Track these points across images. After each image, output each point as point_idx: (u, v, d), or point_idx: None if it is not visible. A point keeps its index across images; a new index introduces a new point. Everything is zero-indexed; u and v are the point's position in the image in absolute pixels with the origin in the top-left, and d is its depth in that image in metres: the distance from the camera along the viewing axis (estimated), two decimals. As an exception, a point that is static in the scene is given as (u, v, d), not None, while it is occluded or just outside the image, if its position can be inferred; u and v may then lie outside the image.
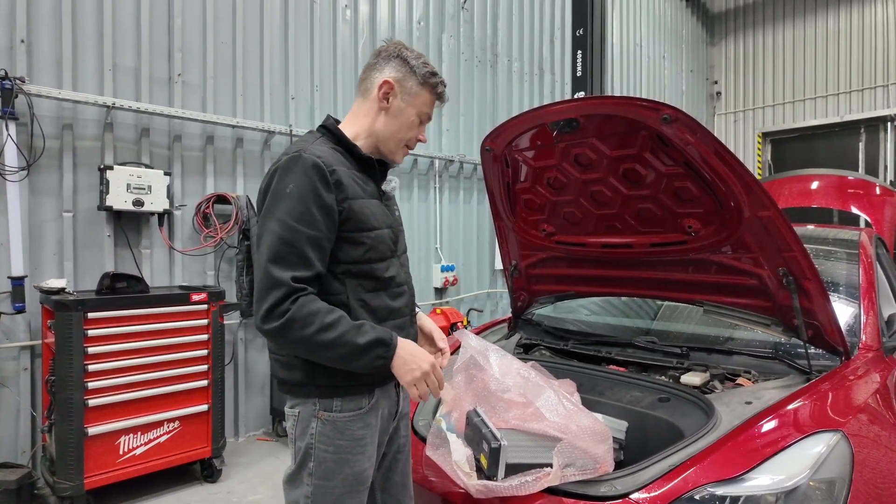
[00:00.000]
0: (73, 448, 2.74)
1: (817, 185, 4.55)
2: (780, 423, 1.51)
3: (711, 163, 1.66)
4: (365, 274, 1.34)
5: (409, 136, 1.45)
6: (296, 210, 1.24)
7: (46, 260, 3.23)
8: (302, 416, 1.35)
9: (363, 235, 1.33)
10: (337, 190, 1.28)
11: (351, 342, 1.23)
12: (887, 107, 7.86)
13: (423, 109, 1.44)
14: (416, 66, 1.40)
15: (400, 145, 1.45)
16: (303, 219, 1.23)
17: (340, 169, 1.31)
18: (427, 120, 1.48)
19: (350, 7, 4.73)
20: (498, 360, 1.67)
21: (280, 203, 1.25)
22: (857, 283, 2.25)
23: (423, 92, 1.42)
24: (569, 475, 1.43)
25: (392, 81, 1.40)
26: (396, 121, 1.42)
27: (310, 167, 1.25)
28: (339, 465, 1.33)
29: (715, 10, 9.85)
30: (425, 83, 1.42)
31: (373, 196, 1.40)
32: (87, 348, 2.77)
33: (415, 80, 1.41)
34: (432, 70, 1.43)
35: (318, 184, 1.25)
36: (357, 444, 1.35)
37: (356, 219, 1.31)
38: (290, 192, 1.25)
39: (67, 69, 3.26)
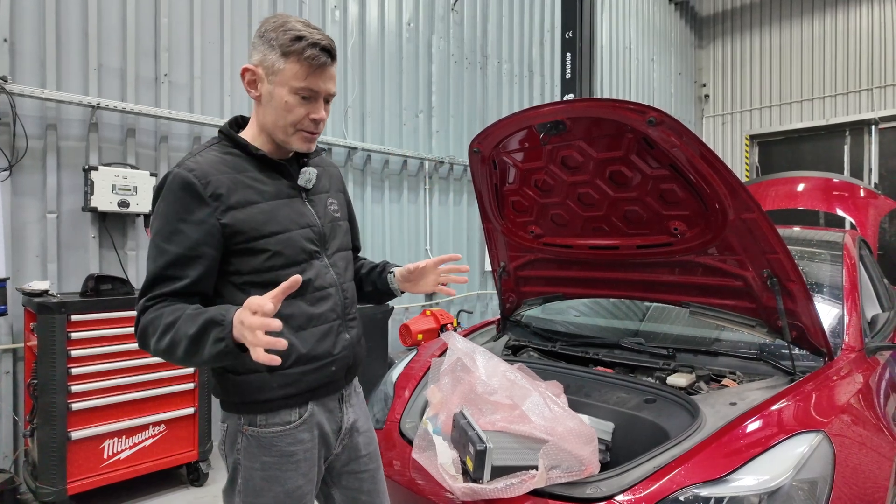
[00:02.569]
0: (56, 452, 2.70)
1: (803, 187, 4.60)
2: (764, 424, 1.53)
3: (696, 165, 1.67)
4: (272, 282, 1.17)
5: (293, 119, 1.24)
6: (164, 230, 1.19)
7: (29, 262, 3.18)
8: (229, 430, 1.29)
9: (260, 243, 1.22)
10: (215, 202, 1.18)
11: (185, 335, 1.09)
12: (871, 110, 7.97)
13: (297, 83, 1.20)
14: (273, 38, 1.19)
15: (289, 132, 1.26)
16: (172, 238, 1.18)
17: (220, 178, 1.20)
18: (312, 95, 1.23)
19: (339, 8, 4.71)
20: (485, 362, 1.67)
21: (154, 222, 1.21)
22: (840, 284, 2.28)
23: (288, 64, 1.19)
24: (554, 477, 1.43)
25: (252, 67, 1.23)
26: (270, 108, 1.24)
27: (178, 184, 1.18)
28: (269, 482, 1.26)
29: (703, 13, 9.94)
30: (287, 53, 1.19)
31: (277, 196, 1.27)
32: (70, 351, 2.74)
33: (275, 54, 1.20)
34: (295, 34, 1.19)
35: (188, 200, 1.17)
36: (287, 460, 1.26)
37: (246, 228, 1.21)
38: (160, 211, 1.20)
39: (51, 68, 3.22)
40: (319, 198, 1.38)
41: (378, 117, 4.98)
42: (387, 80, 5.04)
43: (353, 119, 4.79)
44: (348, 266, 1.44)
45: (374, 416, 2.10)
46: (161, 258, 1.18)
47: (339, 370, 1.36)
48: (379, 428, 2.02)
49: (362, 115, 4.87)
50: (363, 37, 4.87)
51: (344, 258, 1.42)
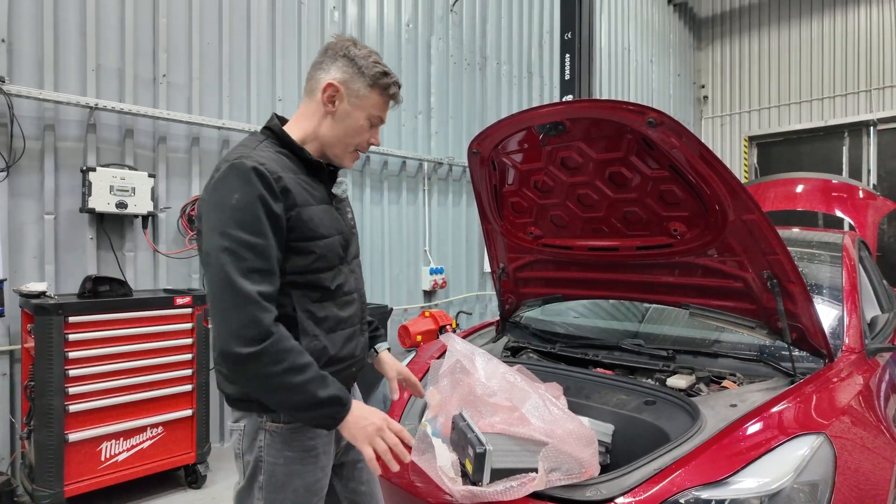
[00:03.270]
0: (53, 455, 2.68)
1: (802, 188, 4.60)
2: (765, 426, 1.52)
3: (696, 166, 1.67)
4: (311, 284, 1.26)
5: (358, 141, 1.35)
6: (245, 222, 1.15)
7: (27, 263, 3.17)
8: (248, 429, 1.30)
9: (311, 244, 1.25)
10: (284, 198, 1.20)
11: (313, 393, 1.15)
12: (870, 111, 7.98)
13: (373, 112, 1.34)
14: (364, 66, 1.29)
15: (347, 150, 1.36)
16: (254, 230, 1.15)
17: (286, 175, 1.23)
18: (379, 123, 1.38)
19: (338, 8, 4.71)
20: (484, 363, 1.66)
21: (227, 215, 1.15)
22: (840, 285, 2.27)
23: (373, 94, 1.31)
24: (554, 480, 1.42)
25: (337, 84, 1.30)
26: (342, 125, 1.32)
27: (253, 176, 1.16)
28: (290, 476, 1.29)
29: (702, 14, 9.96)
30: (375, 85, 1.31)
31: (322, 201, 1.32)
32: (67, 353, 2.72)
33: (363, 81, 1.30)
34: (383, 70, 1.32)
35: (264, 192, 1.17)
36: (307, 454, 1.31)
37: (304, 227, 1.24)
38: (237, 202, 1.15)
39: (49, 69, 3.21)
40: (343, 207, 1.45)
41: (377, 118, 4.97)
42: (386, 81, 5.03)
43: (351, 120, 4.77)
44: (361, 274, 1.52)
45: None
46: (246, 250, 1.14)
47: (357, 371, 1.44)
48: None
49: (361, 116, 4.86)
50: (362, 38, 4.87)
51: (358, 266, 1.49)
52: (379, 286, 4.98)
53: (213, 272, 1.15)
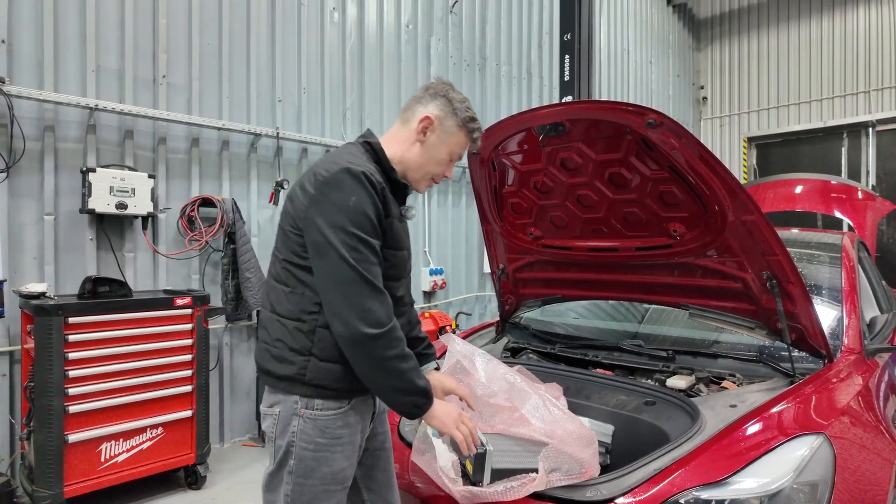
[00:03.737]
0: (53, 456, 2.68)
1: (801, 189, 4.61)
2: (764, 427, 1.52)
3: (696, 167, 1.67)
4: None
5: (437, 171, 1.51)
6: (364, 223, 1.30)
7: (26, 264, 3.17)
8: (282, 414, 1.37)
9: (391, 253, 1.41)
10: (383, 205, 1.36)
11: (412, 380, 1.32)
12: (868, 112, 7.99)
13: (456, 150, 1.50)
14: (458, 108, 1.47)
15: (426, 177, 1.51)
16: (368, 230, 1.30)
17: (384, 187, 1.38)
18: (457, 160, 1.54)
19: (338, 9, 4.71)
20: (484, 364, 1.66)
21: (345, 215, 1.29)
22: (839, 286, 2.28)
23: (460, 134, 1.48)
24: (554, 480, 1.42)
25: (433, 118, 1.46)
26: (428, 154, 1.48)
27: (366, 182, 1.31)
28: (318, 463, 1.36)
29: (701, 15, 9.97)
30: (464, 126, 1.48)
31: (398, 218, 1.47)
32: (67, 354, 2.72)
33: (454, 120, 1.47)
34: (473, 116, 1.49)
35: (375, 197, 1.33)
36: (336, 442, 1.38)
37: (390, 237, 1.39)
38: (354, 204, 1.29)
39: (49, 70, 3.21)
40: (406, 225, 1.58)
41: (377, 119, 4.98)
42: (385, 82, 5.04)
43: (351, 121, 4.78)
44: None
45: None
46: (364, 247, 1.29)
47: None
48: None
49: (361, 116, 4.87)
50: (362, 39, 4.87)
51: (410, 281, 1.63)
52: (378, 287, 4.97)
53: (333, 263, 1.28)
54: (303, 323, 1.36)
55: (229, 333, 3.99)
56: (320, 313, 1.35)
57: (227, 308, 3.81)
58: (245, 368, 4.08)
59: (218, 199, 3.76)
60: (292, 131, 4.33)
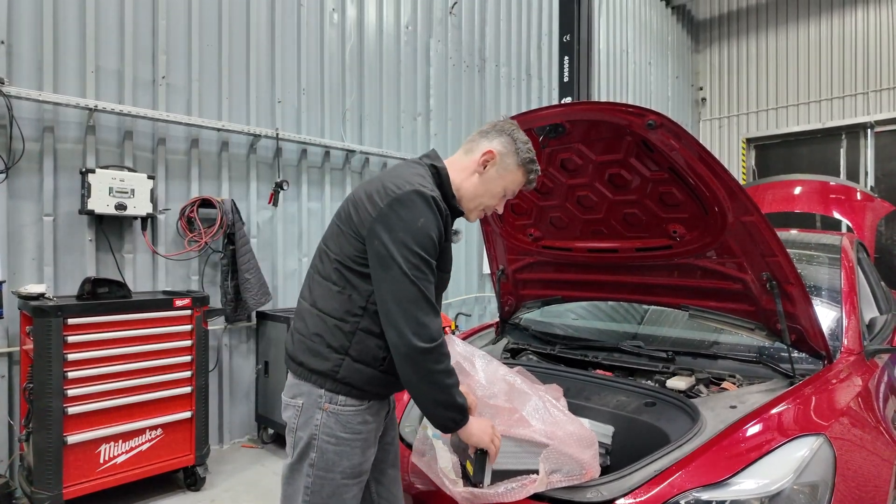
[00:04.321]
0: (52, 457, 2.68)
1: (800, 190, 4.62)
2: (765, 428, 1.52)
3: (696, 168, 1.67)
4: None
5: (489, 203, 1.56)
6: (428, 245, 1.36)
7: (25, 265, 3.16)
8: (305, 406, 1.42)
9: (441, 275, 1.47)
10: (443, 231, 1.43)
11: (453, 396, 1.37)
12: (867, 114, 8.00)
13: (511, 186, 1.55)
14: (520, 148, 1.53)
15: (479, 208, 1.56)
16: (430, 251, 1.36)
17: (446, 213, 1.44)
18: (511, 196, 1.59)
19: (338, 11, 4.71)
20: (484, 365, 1.66)
21: (413, 234, 1.34)
22: (838, 287, 2.28)
23: (518, 172, 1.53)
24: (555, 481, 1.42)
25: (496, 153, 1.51)
26: (485, 187, 1.53)
27: (434, 206, 1.38)
28: (339, 457, 1.41)
29: (700, 17, 9.98)
30: (523, 165, 1.53)
31: (447, 240, 1.51)
32: (66, 355, 2.72)
33: (515, 159, 1.52)
34: (533, 157, 1.54)
35: (440, 223, 1.40)
36: (357, 437, 1.42)
37: (442, 259, 1.45)
38: (422, 226, 1.35)
39: (48, 71, 3.20)
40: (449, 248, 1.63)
41: (376, 120, 4.98)
42: (385, 83, 5.04)
43: (351, 122, 4.78)
44: None
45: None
46: (424, 265, 1.35)
47: None
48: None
49: (360, 117, 4.87)
50: (361, 40, 4.87)
51: None
52: (378, 288, 4.97)
53: (396, 277, 1.34)
54: (345, 323, 1.41)
55: (228, 334, 3.99)
56: (363, 317, 1.41)
57: (226, 309, 3.80)
58: (244, 369, 4.08)
59: (217, 199, 3.76)
60: (292, 132, 4.33)
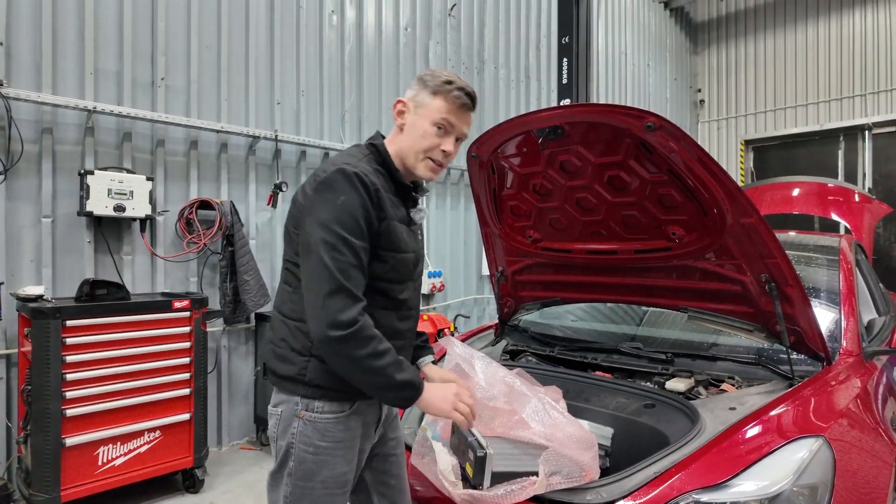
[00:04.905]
0: (50, 459, 2.67)
1: (798, 192, 4.62)
2: (764, 429, 1.52)
3: (695, 170, 1.67)
4: (381, 291, 1.39)
5: (426, 146, 1.43)
6: (349, 223, 1.30)
7: (24, 266, 3.16)
8: (284, 415, 1.38)
9: (390, 255, 1.39)
10: (378, 208, 1.35)
11: (391, 376, 1.30)
12: (865, 116, 8.02)
13: (438, 116, 1.42)
14: (428, 80, 1.43)
15: (419, 158, 1.44)
16: (355, 231, 1.30)
17: (381, 189, 1.37)
18: (452, 128, 1.44)
19: (337, 12, 4.72)
20: (483, 367, 1.66)
21: (332, 214, 1.30)
22: (837, 289, 2.28)
23: (436, 100, 1.42)
24: (555, 483, 1.42)
25: (405, 100, 1.46)
26: (411, 134, 1.44)
27: (358, 183, 1.32)
28: (319, 466, 1.36)
29: (698, 19, 10.01)
30: (437, 92, 1.42)
31: (402, 220, 1.45)
32: (65, 357, 2.71)
33: (426, 92, 1.43)
34: (447, 79, 1.43)
35: (365, 198, 1.32)
36: (338, 446, 1.37)
37: (389, 238, 1.38)
38: (342, 204, 1.30)
39: (47, 72, 3.20)
40: (417, 229, 1.55)
41: (375, 121, 4.98)
42: (384, 85, 5.04)
43: (350, 123, 4.78)
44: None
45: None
46: (345, 247, 1.29)
47: None
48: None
49: (359, 119, 4.87)
50: (360, 41, 4.88)
51: (421, 284, 1.60)
52: (377, 289, 4.97)
53: (312, 264, 1.30)
54: (303, 323, 1.36)
55: (227, 336, 3.98)
56: None
57: (225, 311, 3.80)
58: (243, 371, 4.07)
59: (216, 201, 3.76)
60: (291, 134, 4.33)
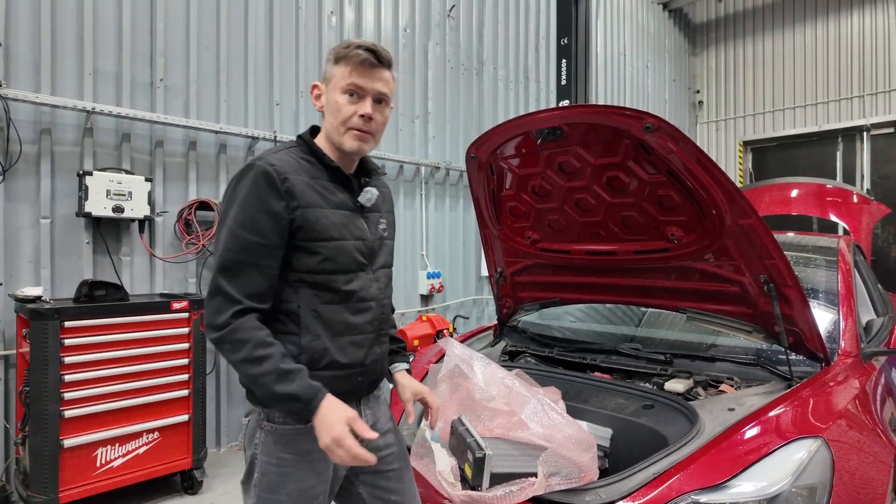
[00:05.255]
0: (48, 461, 2.66)
1: (797, 193, 4.63)
2: (763, 430, 1.52)
3: (693, 171, 1.68)
4: (322, 285, 1.31)
5: (343, 117, 1.33)
6: (243, 218, 1.24)
7: (22, 267, 3.15)
8: (250, 424, 1.35)
9: (318, 245, 1.29)
10: (288, 197, 1.26)
11: (268, 386, 1.19)
12: (863, 117, 8.04)
13: (343, 83, 1.32)
14: (330, 53, 1.36)
15: (341, 133, 1.35)
16: (249, 226, 1.24)
17: (295, 177, 1.29)
18: (363, 90, 1.33)
19: (336, 13, 4.72)
20: (482, 368, 1.66)
21: (230, 211, 1.26)
22: (836, 289, 2.29)
23: (338, 68, 1.34)
24: (553, 484, 1.42)
25: (317, 83, 1.41)
26: (330, 110, 1.36)
27: (259, 175, 1.25)
28: (283, 478, 1.29)
29: (697, 20, 10.02)
30: (337, 60, 1.34)
31: (339, 207, 1.35)
32: (63, 358, 2.70)
33: (330, 64, 1.36)
34: (345, 44, 1.34)
35: (267, 190, 1.25)
36: (303, 458, 1.30)
37: (310, 227, 1.28)
38: (240, 200, 1.26)
39: (46, 73, 3.20)
40: (373, 216, 1.46)
41: (374, 123, 4.97)
42: (383, 86, 5.04)
43: (349, 124, 4.78)
44: (389, 283, 1.51)
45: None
46: (236, 244, 1.24)
47: (365, 381, 1.41)
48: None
49: (358, 120, 4.86)
50: (359, 42, 4.87)
51: (387, 275, 1.49)
52: (376, 290, 4.96)
53: (214, 264, 1.27)
54: None
55: (226, 337, 3.97)
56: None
57: (223, 312, 3.79)
58: (242, 372, 4.06)
59: (215, 202, 3.75)
60: (290, 134, 4.32)
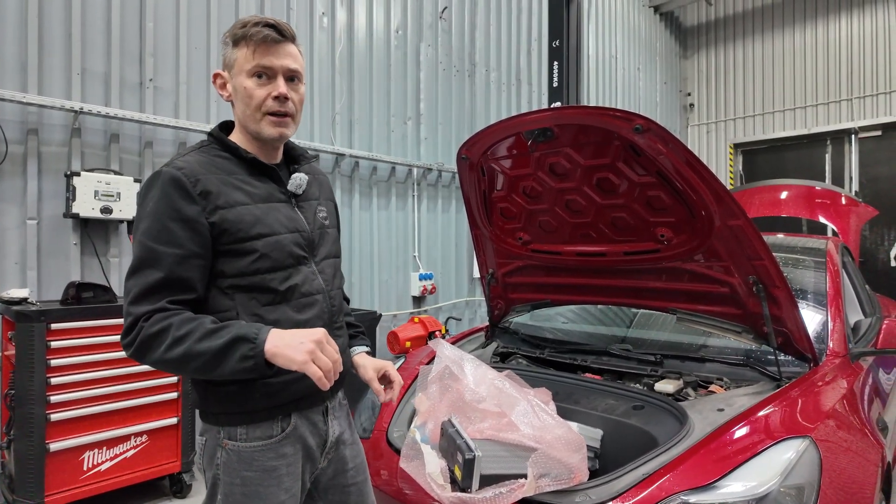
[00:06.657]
0: (34, 465, 2.62)
1: (786, 195, 4.67)
2: (752, 430, 1.53)
3: (683, 172, 1.68)
4: (257, 286, 1.21)
5: (256, 103, 1.24)
6: (153, 229, 1.15)
7: (8, 269, 3.11)
8: (208, 445, 1.26)
9: (247, 245, 1.20)
10: (204, 200, 1.17)
11: (206, 350, 1.09)
12: (851, 120, 8.13)
13: (249, 66, 1.23)
14: (226, 37, 1.26)
15: (257, 119, 1.26)
16: (161, 237, 1.14)
17: (209, 177, 1.20)
18: (270, 71, 1.24)
19: (327, 14, 4.71)
20: (472, 369, 1.66)
21: (141, 223, 1.17)
22: (824, 290, 2.30)
23: (239, 51, 1.24)
24: (543, 485, 1.42)
25: (219, 71, 1.30)
26: (238, 101, 1.27)
27: (167, 182, 1.16)
28: (249, 498, 1.22)
29: (687, 24, 10.10)
30: (237, 43, 1.24)
31: (266, 199, 1.26)
32: (49, 361, 2.67)
33: (229, 48, 1.26)
34: (241, 24, 1.24)
35: (177, 198, 1.15)
36: (268, 475, 1.23)
37: (233, 228, 1.19)
38: (149, 210, 1.16)
39: (33, 73, 3.16)
40: (309, 204, 1.37)
41: (366, 124, 4.97)
42: (375, 87, 5.04)
43: (340, 126, 4.77)
44: (336, 274, 1.42)
45: (360, 426, 2.07)
46: (149, 258, 1.14)
47: None
48: (366, 437, 1.99)
49: (350, 121, 4.86)
50: (351, 44, 4.87)
51: (332, 265, 1.40)
52: (368, 292, 4.95)
53: None
54: None
55: (216, 339, 3.95)
56: None
57: (213, 314, 3.76)
58: (232, 375, 4.03)
59: (205, 203, 3.72)
60: (281, 136, 4.30)
